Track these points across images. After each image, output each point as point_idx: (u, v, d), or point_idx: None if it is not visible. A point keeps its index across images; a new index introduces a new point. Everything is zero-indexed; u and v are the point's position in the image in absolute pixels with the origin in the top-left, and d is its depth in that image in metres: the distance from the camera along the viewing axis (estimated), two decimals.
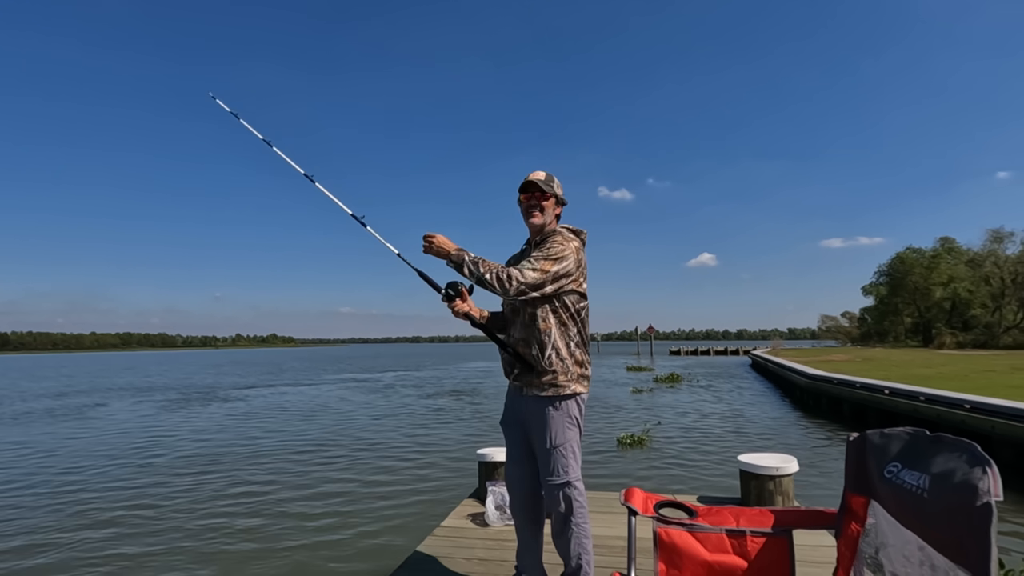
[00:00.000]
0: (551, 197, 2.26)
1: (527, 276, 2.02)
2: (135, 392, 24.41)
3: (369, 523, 5.97)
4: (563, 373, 2.16)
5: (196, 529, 5.87)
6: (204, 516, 6.32)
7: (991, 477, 0.82)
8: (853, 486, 1.28)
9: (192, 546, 5.38)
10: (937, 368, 18.16)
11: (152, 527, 5.96)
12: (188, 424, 13.99)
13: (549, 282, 2.07)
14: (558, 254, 2.09)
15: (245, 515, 6.33)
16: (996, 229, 49.15)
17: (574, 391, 2.18)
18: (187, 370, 45.41)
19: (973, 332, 46.69)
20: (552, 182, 2.28)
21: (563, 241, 2.14)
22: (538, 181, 2.24)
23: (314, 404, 18.12)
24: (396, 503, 6.73)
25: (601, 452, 9.29)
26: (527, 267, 2.04)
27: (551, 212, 2.27)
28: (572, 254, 2.12)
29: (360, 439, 11.22)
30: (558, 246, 2.12)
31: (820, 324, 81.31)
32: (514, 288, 2.00)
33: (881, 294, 59.31)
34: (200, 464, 9.10)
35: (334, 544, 5.37)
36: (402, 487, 7.44)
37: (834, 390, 14.63)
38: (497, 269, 2.02)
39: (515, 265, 2.16)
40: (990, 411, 8.76)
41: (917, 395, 10.95)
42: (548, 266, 2.06)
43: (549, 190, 2.24)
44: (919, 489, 1.00)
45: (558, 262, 2.08)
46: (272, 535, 5.65)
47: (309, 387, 25.22)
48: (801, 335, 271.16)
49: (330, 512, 6.40)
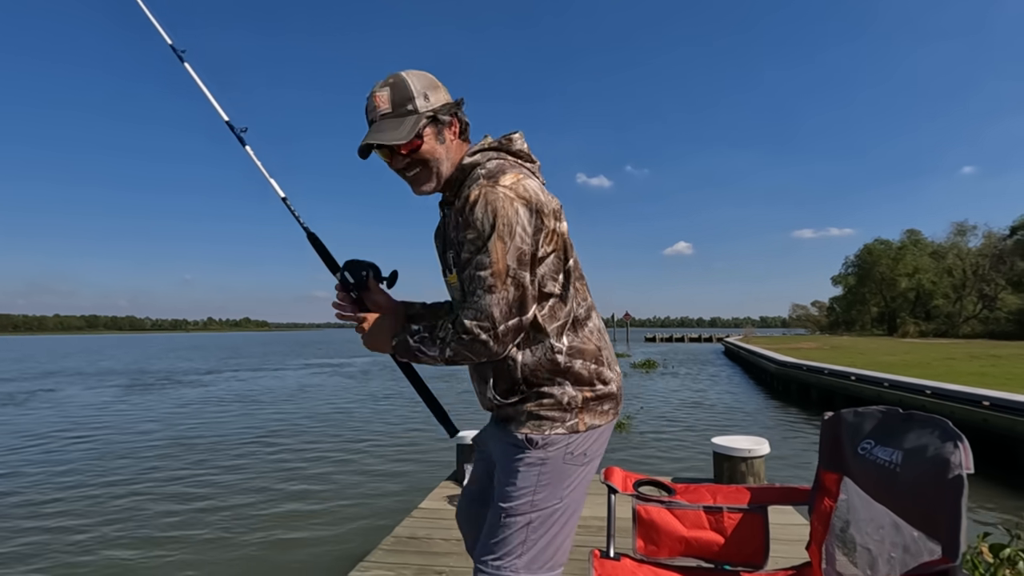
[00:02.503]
0: (425, 129, 1.22)
1: (487, 309, 1.13)
2: (78, 378, 23.79)
3: (346, 507, 5.96)
4: (552, 396, 1.23)
5: (156, 515, 5.78)
6: (167, 502, 6.23)
7: (963, 451, 0.85)
8: (827, 463, 1.32)
9: (152, 534, 5.30)
10: (901, 356, 18.80)
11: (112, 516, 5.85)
12: (137, 411, 13.72)
13: (513, 292, 1.14)
14: (500, 229, 1.12)
15: (215, 500, 6.25)
16: (960, 222, 50.87)
17: (573, 427, 1.23)
18: (146, 353, 44.42)
19: (935, 322, 48.37)
20: (408, 100, 1.21)
21: (491, 194, 1.13)
22: (383, 137, 1.19)
23: (286, 389, 17.93)
24: (373, 486, 6.72)
25: None
26: (476, 292, 1.15)
27: (442, 152, 1.25)
28: (515, 209, 1.13)
29: (335, 424, 11.15)
30: (488, 212, 1.12)
31: (791, 313, 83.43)
32: (490, 344, 1.16)
33: (849, 284, 60.97)
34: (159, 452, 8.94)
35: (310, 528, 5.35)
36: (380, 470, 7.43)
37: (803, 376, 15.06)
38: (448, 336, 1.18)
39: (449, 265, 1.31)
40: (949, 396, 9.15)
41: (882, 381, 11.35)
42: (498, 267, 1.12)
43: (413, 130, 1.20)
44: (892, 464, 1.03)
45: (504, 241, 1.12)
46: (245, 520, 5.59)
47: (281, 372, 24.91)
48: (772, 323, 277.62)
49: (305, 497, 6.37)
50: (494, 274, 1.12)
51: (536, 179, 1.25)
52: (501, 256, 1.12)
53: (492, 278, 1.12)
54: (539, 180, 1.28)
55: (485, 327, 1.13)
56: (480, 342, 1.15)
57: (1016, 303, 38.91)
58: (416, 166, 1.24)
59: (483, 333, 1.14)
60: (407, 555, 3.00)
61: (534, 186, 1.18)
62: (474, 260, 1.14)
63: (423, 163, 1.24)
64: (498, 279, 1.12)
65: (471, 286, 1.16)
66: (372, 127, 1.22)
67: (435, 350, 1.20)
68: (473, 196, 1.14)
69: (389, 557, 2.97)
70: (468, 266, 1.16)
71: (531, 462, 1.24)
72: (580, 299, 1.29)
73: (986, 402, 8.16)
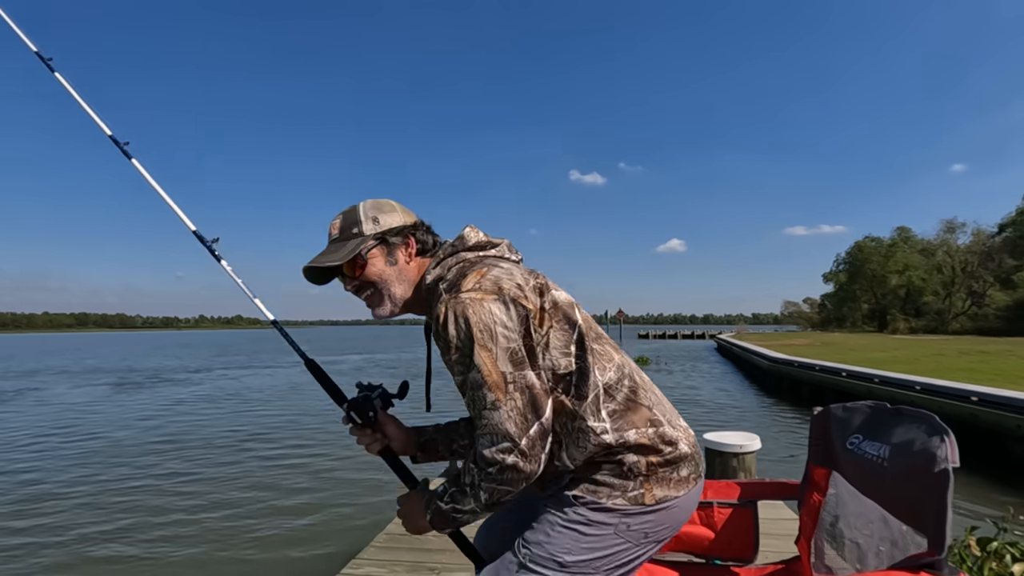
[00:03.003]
0: (371, 251, 1.17)
1: (501, 430, 1.01)
2: (63, 377, 23.59)
3: (339, 504, 5.95)
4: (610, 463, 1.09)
5: (163, 511, 5.75)
6: (157, 501, 6.19)
7: (949, 445, 0.85)
8: (816, 458, 1.33)
9: (149, 534, 5.27)
10: (891, 352, 18.97)
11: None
12: (131, 409, 13.62)
13: (520, 398, 1.02)
14: (478, 338, 1.02)
15: (206, 498, 6.22)
16: (949, 220, 51.38)
17: (637, 499, 1.08)
18: (133, 351, 44.07)
19: (925, 318, 48.85)
20: (354, 225, 1.18)
21: (457, 305, 1.04)
22: (321, 259, 1.17)
23: (277, 388, 17.85)
24: (367, 484, 6.71)
25: None
26: (483, 416, 1.03)
27: (393, 274, 1.19)
28: (488, 310, 1.03)
29: (328, 421, 11.11)
30: (460, 324, 1.03)
31: (783, 310, 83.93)
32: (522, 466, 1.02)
33: (841, 281, 61.41)
34: (157, 452, 8.88)
35: (302, 526, 5.33)
36: (373, 467, 7.42)
37: (795, 372, 15.17)
38: (475, 479, 1.05)
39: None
40: (938, 392, 9.25)
41: (872, 377, 11.46)
42: (493, 379, 1.02)
43: (353, 251, 1.15)
44: (879, 458, 1.04)
45: (488, 348, 1.02)
46: (237, 517, 5.57)
47: (273, 370, 24.81)
48: (765, 320, 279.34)
49: (298, 494, 6.35)
50: (492, 387, 1.01)
51: (504, 263, 1.13)
52: (492, 366, 1.01)
53: (492, 392, 1.01)
54: (510, 260, 1.18)
55: (507, 449, 1.00)
56: (509, 468, 1.01)
57: (1004, 300, 39.35)
58: (366, 288, 1.19)
59: (508, 456, 1.00)
60: (400, 552, 3.00)
61: (500, 275, 1.07)
62: (468, 379, 1.04)
63: (371, 285, 1.18)
64: (498, 391, 1.01)
65: (475, 409, 1.05)
66: (320, 253, 1.19)
67: (470, 502, 1.06)
68: (441, 314, 1.05)
69: (382, 554, 2.97)
70: (465, 388, 1.06)
71: (574, 520, 1.08)
72: (605, 362, 1.12)
73: (974, 397, 8.26)
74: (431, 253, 1.22)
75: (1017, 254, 41.49)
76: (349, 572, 2.75)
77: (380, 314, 1.21)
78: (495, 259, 1.16)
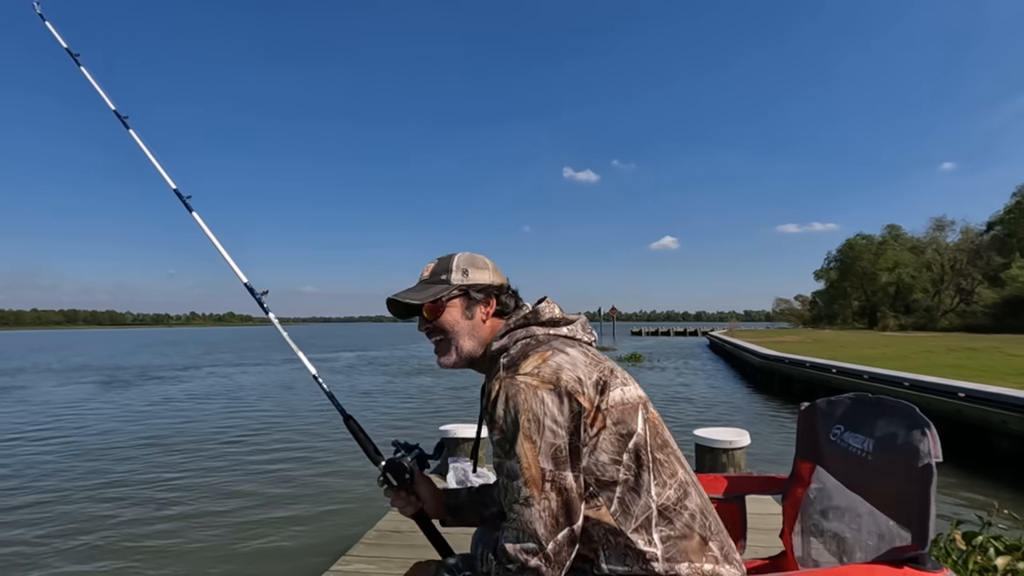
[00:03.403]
0: (451, 300, 1.19)
1: (530, 529, 0.97)
2: (48, 375, 23.39)
3: (329, 502, 5.93)
4: None
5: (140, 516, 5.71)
6: (143, 498, 6.15)
7: (931, 439, 0.86)
8: (802, 453, 1.33)
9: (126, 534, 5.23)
10: (880, 349, 19.14)
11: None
12: (124, 408, 13.51)
13: (555, 499, 0.98)
14: (524, 427, 0.98)
15: (193, 495, 6.18)
16: (939, 217, 51.92)
17: None
18: (120, 349, 43.70)
19: (914, 315, 49.33)
20: (444, 272, 1.21)
21: (510, 387, 1.01)
22: (404, 295, 1.21)
23: (266, 386, 17.78)
24: (357, 481, 6.69)
25: None
26: (514, 509, 0.99)
27: (466, 328, 1.19)
28: (540, 399, 0.99)
29: (318, 419, 11.07)
30: (510, 408, 1.00)
31: (774, 307, 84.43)
32: (544, 570, 0.98)
33: (831, 278, 61.86)
34: (145, 447, 8.82)
35: (292, 523, 5.31)
36: (362, 465, 7.40)
37: (786, 369, 15.28)
38: (492, 567, 1.01)
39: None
40: (926, 388, 9.34)
41: (861, 374, 11.56)
42: (531, 474, 0.98)
43: (436, 295, 1.18)
44: (863, 452, 1.04)
45: (532, 440, 0.98)
46: (225, 515, 5.54)
47: (263, 368, 24.69)
48: (756, 317, 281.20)
49: (288, 492, 6.32)
50: (528, 482, 0.96)
51: (572, 348, 1.08)
52: (532, 460, 0.96)
53: (527, 488, 0.96)
54: (580, 343, 1.13)
55: (531, 550, 0.96)
56: (531, 571, 0.96)
57: (992, 297, 39.81)
58: (437, 334, 1.19)
59: (532, 559, 0.96)
60: (390, 548, 2.99)
61: (562, 363, 1.02)
62: (504, 467, 1.00)
63: (442, 332, 1.19)
64: (534, 487, 0.96)
65: (506, 499, 1.00)
66: (407, 289, 1.23)
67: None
68: (494, 392, 1.02)
69: (371, 551, 2.96)
70: (500, 473, 1.01)
71: None
72: (665, 477, 1.04)
73: (961, 393, 8.35)
74: (509, 317, 1.20)
75: (1005, 252, 41.97)
76: (339, 569, 2.75)
77: (443, 363, 1.20)
78: (564, 341, 1.11)
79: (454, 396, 14.05)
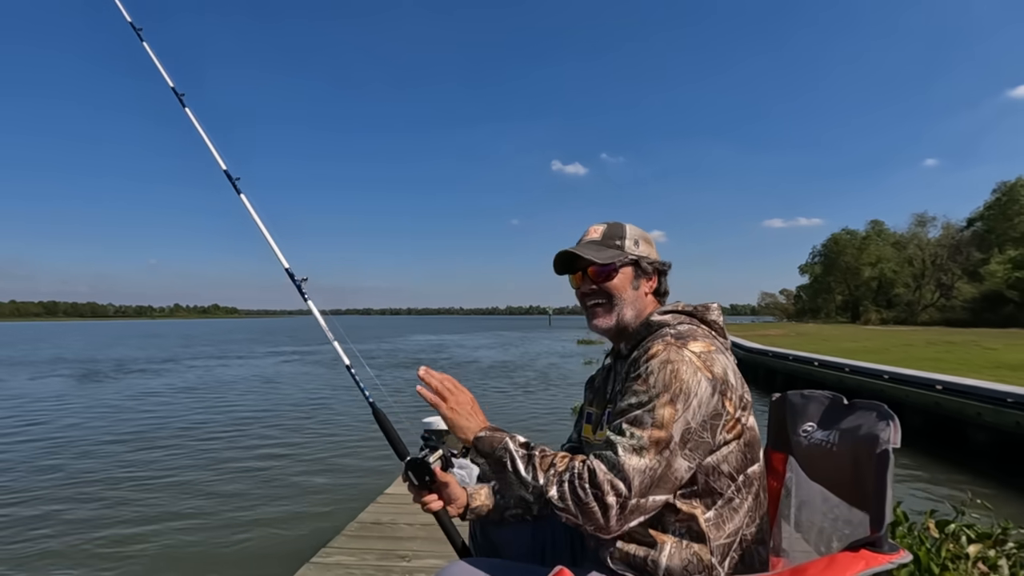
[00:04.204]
0: (623, 267, 1.19)
1: (627, 472, 0.95)
2: (20, 368, 23.00)
3: (311, 494, 5.91)
4: None
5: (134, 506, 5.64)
6: (123, 492, 6.08)
7: (892, 428, 0.87)
8: (774, 443, 1.34)
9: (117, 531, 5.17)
10: (862, 342, 19.43)
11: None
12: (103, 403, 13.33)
13: (662, 467, 0.96)
14: (675, 393, 0.98)
15: (173, 488, 6.13)
16: (921, 213, 52.62)
17: None
18: (98, 341, 43.03)
19: (896, 309, 50.12)
20: (618, 238, 1.21)
21: (676, 354, 1.02)
22: (582, 250, 1.18)
23: (254, 379, 17.64)
24: (339, 473, 6.68)
25: (558, 419, 9.65)
26: (622, 447, 0.97)
27: (631, 297, 1.19)
28: (699, 380, 1.00)
29: (303, 411, 11.02)
30: (668, 371, 1.00)
31: (760, 300, 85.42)
32: (612, 514, 0.94)
33: (816, 273, 62.62)
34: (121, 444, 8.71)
35: (273, 516, 5.29)
36: (346, 457, 7.38)
37: (770, 362, 15.47)
38: (569, 474, 0.98)
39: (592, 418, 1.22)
40: (905, 381, 9.51)
41: (843, 367, 11.74)
42: (658, 434, 0.96)
43: (611, 259, 1.18)
44: (828, 444, 1.06)
45: (675, 407, 0.98)
46: (205, 508, 5.50)
47: (249, 360, 24.47)
48: (742, 311, 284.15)
49: (270, 484, 6.29)
50: (652, 439, 0.95)
51: (730, 356, 1.11)
52: (668, 422, 0.96)
53: (648, 441, 0.95)
54: (731, 360, 1.12)
55: (619, 491, 0.93)
56: (603, 504, 0.93)
57: (971, 292, 40.54)
58: (600, 296, 1.19)
59: (611, 495, 0.93)
60: (371, 540, 2.99)
61: (726, 363, 1.05)
62: (633, 414, 0.98)
63: (608, 297, 1.19)
64: (654, 446, 0.95)
65: (618, 435, 0.98)
66: (577, 244, 1.22)
67: (535, 473, 1.00)
68: (655, 349, 1.02)
69: (352, 543, 2.96)
70: (621, 416, 1.00)
71: None
72: (758, 514, 1.08)
73: (939, 386, 8.51)
74: (662, 299, 1.25)
75: (984, 248, 42.73)
76: (319, 561, 2.74)
77: (599, 324, 1.20)
78: (722, 347, 1.12)
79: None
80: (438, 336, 47.79)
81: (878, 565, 0.79)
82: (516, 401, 12.45)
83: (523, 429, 9.02)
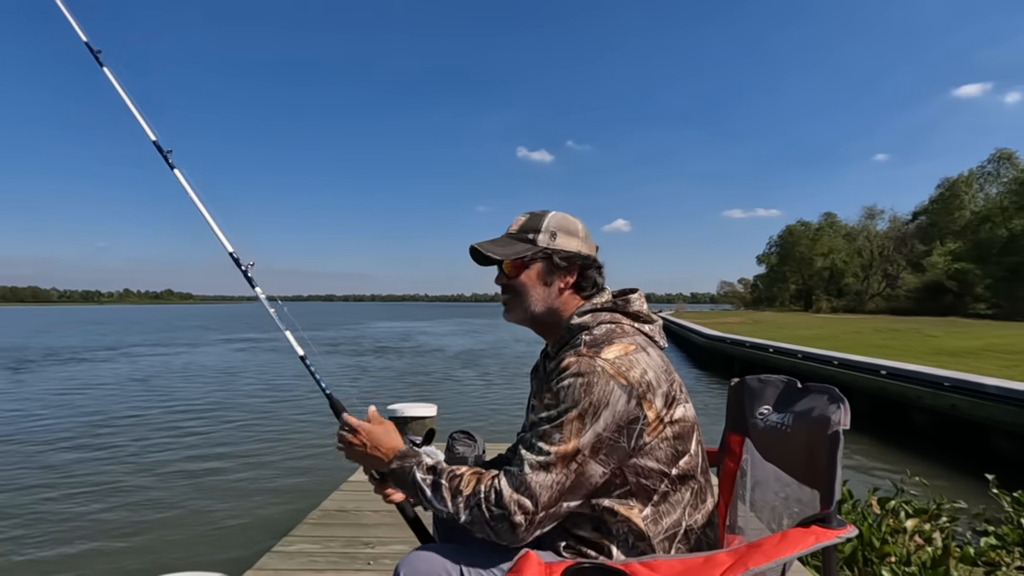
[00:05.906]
0: (532, 262, 1.16)
1: (534, 489, 0.97)
2: None
3: (273, 484, 5.82)
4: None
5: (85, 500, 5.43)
6: (80, 487, 5.87)
7: (843, 411, 0.92)
8: (731, 426, 1.40)
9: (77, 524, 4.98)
10: (815, 330, 20.27)
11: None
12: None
13: (571, 479, 0.99)
14: (583, 407, 0.99)
15: (132, 475, 5.94)
16: (870, 206, 54.99)
17: None
18: (31, 328, 41.06)
19: (845, 298, 52.39)
20: (532, 231, 1.17)
21: (587, 365, 1.01)
22: (486, 246, 1.17)
23: (215, 367, 17.16)
24: (302, 462, 6.59)
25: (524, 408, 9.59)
26: (528, 463, 0.99)
27: (541, 294, 1.17)
28: (611, 389, 0.99)
29: (264, 399, 10.80)
30: (578, 385, 1.00)
31: (719, 289, 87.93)
32: (520, 531, 0.98)
33: (772, 263, 64.81)
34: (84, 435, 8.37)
35: (237, 502, 5.19)
36: (307, 446, 7.28)
37: (727, 349, 15.98)
38: (475, 499, 1.00)
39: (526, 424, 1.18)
40: (853, 366, 9.99)
41: (796, 353, 12.23)
42: (565, 448, 0.98)
43: (518, 254, 1.16)
44: (783, 426, 1.10)
45: (583, 422, 0.98)
46: (162, 499, 5.35)
47: (206, 348, 23.75)
48: (702, 299, 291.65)
49: (231, 473, 6.16)
50: (559, 454, 0.97)
51: (652, 349, 1.09)
52: (575, 436, 0.97)
53: (556, 457, 0.97)
54: (658, 346, 1.13)
55: (525, 509, 0.96)
56: (509, 523, 0.96)
57: (914, 282, 42.66)
58: (508, 292, 1.19)
59: (518, 514, 0.96)
60: (334, 528, 2.97)
61: (645, 364, 1.03)
62: (542, 429, 1.00)
63: (514, 292, 1.17)
64: (560, 460, 0.97)
65: (526, 450, 1.00)
66: (491, 240, 1.21)
67: (444, 502, 1.02)
68: (567, 362, 1.02)
69: (315, 531, 2.93)
70: (533, 428, 1.02)
71: None
72: (700, 501, 1.09)
73: (883, 371, 8.98)
74: (587, 294, 1.19)
75: (927, 240, 45.02)
76: (281, 549, 2.71)
77: (508, 318, 1.21)
78: (647, 339, 1.12)
79: (409, 380, 13.96)
80: (403, 323, 47.39)
81: (827, 540, 0.83)
82: (483, 390, 12.50)
83: (491, 420, 9.07)
